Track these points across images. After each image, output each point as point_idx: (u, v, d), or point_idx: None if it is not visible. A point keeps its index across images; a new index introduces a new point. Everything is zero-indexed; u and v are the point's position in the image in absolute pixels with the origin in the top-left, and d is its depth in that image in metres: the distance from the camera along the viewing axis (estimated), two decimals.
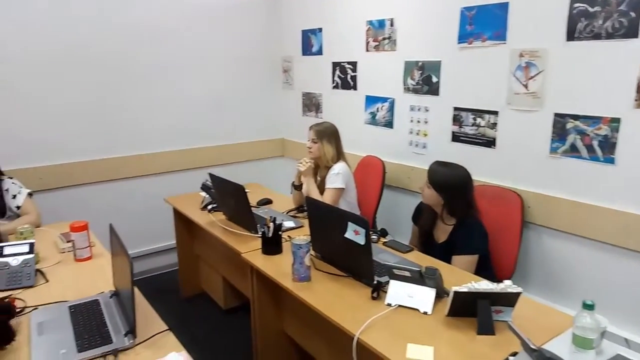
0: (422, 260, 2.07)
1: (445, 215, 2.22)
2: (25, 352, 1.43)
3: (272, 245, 2.17)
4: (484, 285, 1.58)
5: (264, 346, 2.28)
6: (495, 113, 2.48)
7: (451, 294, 1.56)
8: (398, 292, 1.72)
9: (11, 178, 2.62)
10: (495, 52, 2.42)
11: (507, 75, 2.38)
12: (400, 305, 1.69)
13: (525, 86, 2.32)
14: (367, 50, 3.18)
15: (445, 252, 2.16)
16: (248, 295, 2.54)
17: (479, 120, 2.57)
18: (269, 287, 2.18)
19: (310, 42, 3.69)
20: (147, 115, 3.49)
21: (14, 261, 1.91)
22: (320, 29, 3.57)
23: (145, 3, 3.33)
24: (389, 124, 3.12)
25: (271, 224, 2.16)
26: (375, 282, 1.79)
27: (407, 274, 1.71)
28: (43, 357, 1.39)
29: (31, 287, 1.87)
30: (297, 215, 2.71)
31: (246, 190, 2.35)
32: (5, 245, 1.97)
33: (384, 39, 3.04)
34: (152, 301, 1.73)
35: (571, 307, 2.09)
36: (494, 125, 2.50)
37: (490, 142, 2.53)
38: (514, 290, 1.53)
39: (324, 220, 2.03)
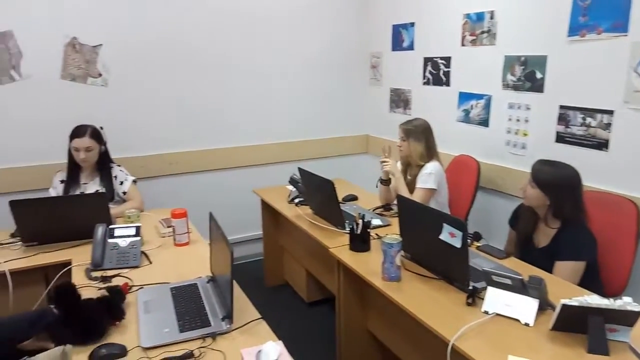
0: (519, 267, 1.95)
1: (549, 217, 2.06)
2: (134, 327, 1.54)
3: (360, 242, 2.15)
4: (597, 300, 1.44)
5: (347, 342, 2.27)
6: (609, 112, 2.26)
7: (558, 307, 1.44)
8: (496, 299, 1.62)
9: (119, 166, 2.84)
10: (613, 45, 2.20)
11: (627, 70, 2.16)
12: (498, 314, 1.59)
13: None
14: (463, 45, 3.05)
15: (545, 258, 2.01)
16: (332, 290, 2.55)
17: (589, 120, 2.35)
18: (355, 284, 2.16)
19: (401, 37, 3.61)
20: (240, 111, 3.63)
21: (123, 242, 2.07)
22: (412, 24, 3.48)
23: (236, 1, 3.46)
24: (483, 122, 2.97)
25: (360, 221, 2.14)
26: (470, 287, 1.71)
27: (508, 281, 1.61)
28: (149, 333, 1.48)
29: (137, 267, 2.01)
30: (384, 213, 2.67)
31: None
32: (116, 227, 2.14)
33: (483, 32, 2.89)
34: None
35: None
36: (607, 126, 2.28)
37: (601, 144, 2.31)
38: (635, 309, 1.38)
39: (416, 220, 1.97)
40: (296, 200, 2.89)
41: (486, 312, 1.61)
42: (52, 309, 1.46)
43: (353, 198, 2.94)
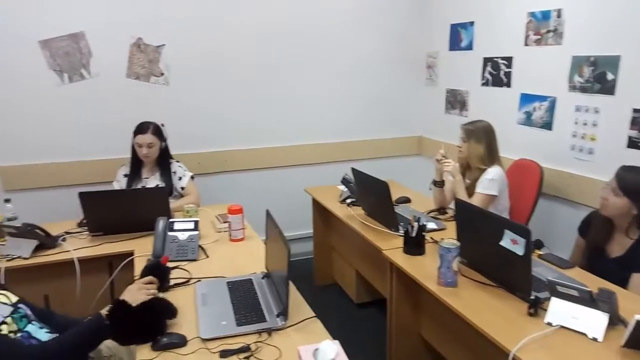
0: (585, 278, 1.84)
1: (631, 227, 1.94)
2: (193, 318, 1.58)
3: (415, 246, 2.11)
4: None
5: (398, 346, 2.23)
6: None
7: (632, 323, 1.35)
8: (561, 311, 1.55)
9: (178, 162, 2.94)
10: None
11: None
12: (562, 327, 1.51)
13: None
14: (526, 45, 2.93)
15: (619, 268, 1.90)
16: (383, 292, 2.53)
17: None
18: (409, 288, 2.13)
19: (459, 37, 3.52)
20: (295, 110, 3.67)
21: (182, 236, 2.14)
22: (471, 23, 3.39)
23: (292, 4, 3.49)
24: (546, 125, 2.84)
25: (415, 224, 2.10)
26: (532, 297, 1.64)
27: (575, 293, 1.53)
28: (208, 325, 1.52)
29: (194, 260, 2.07)
30: (438, 216, 2.61)
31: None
32: (176, 221, 2.21)
33: (548, 31, 2.76)
34: None
35: None
36: None
37: None
38: None
39: (475, 225, 1.91)
40: (348, 201, 2.87)
41: (549, 324, 1.53)
42: (102, 317, 1.45)
43: (406, 200, 2.90)
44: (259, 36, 3.45)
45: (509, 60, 3.08)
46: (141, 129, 2.75)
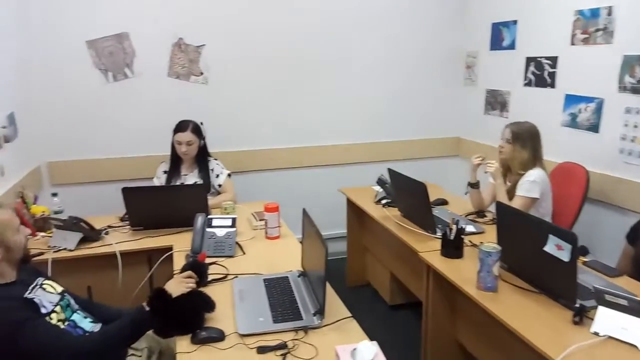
0: (634, 287, 1.76)
1: None
2: (230, 313, 1.60)
3: (453, 249, 2.07)
4: None
5: (433, 351, 2.19)
6: None
7: None
8: (609, 321, 1.48)
9: (216, 159, 2.99)
10: None
11: None
12: (611, 337, 1.45)
13: None
14: (573, 44, 2.82)
15: None
16: (418, 295, 2.49)
17: None
18: (446, 291, 2.09)
19: (501, 36, 3.43)
20: (330, 110, 3.67)
21: (220, 232, 2.17)
22: (514, 21, 3.29)
23: (326, 3, 3.49)
24: (593, 128, 2.73)
25: (454, 227, 2.06)
26: (577, 305, 1.57)
27: (624, 302, 1.46)
28: (246, 321, 1.54)
29: (231, 257, 2.10)
30: (477, 219, 2.55)
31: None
32: (214, 218, 2.24)
33: (597, 30, 2.65)
34: None
35: None
36: None
37: None
38: None
39: (517, 229, 1.86)
40: (383, 202, 2.85)
41: (596, 334, 1.47)
42: (144, 310, 1.48)
43: (443, 202, 2.84)
44: (294, 37, 3.47)
45: (553, 60, 2.98)
46: (181, 127, 2.81)
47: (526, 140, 2.46)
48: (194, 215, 2.16)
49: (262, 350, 1.38)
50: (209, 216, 2.26)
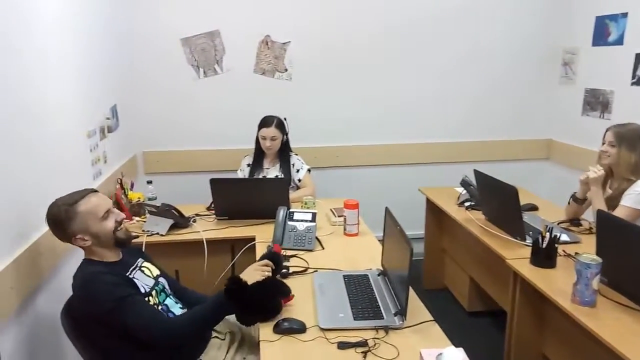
0: None
1: None
2: (311, 306, 1.62)
3: (545, 258, 1.94)
4: None
5: None
6: None
7: None
8: None
9: (297, 154, 3.04)
10: None
11: None
12: None
13: None
14: None
15: None
16: (501, 303, 2.37)
17: None
18: (533, 302, 1.97)
19: (606, 30, 3.15)
20: (413, 108, 3.60)
21: (300, 226, 2.20)
22: (624, 14, 3.01)
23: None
24: None
25: (547, 234, 1.93)
26: None
27: None
28: (326, 315, 1.55)
29: (310, 250, 2.12)
30: (571, 228, 2.37)
31: None
32: (295, 211, 2.28)
33: None
34: None
35: None
36: None
37: None
38: None
39: (621, 241, 1.69)
40: (467, 204, 2.74)
41: None
42: (223, 295, 1.51)
43: (532, 208, 2.68)
44: (377, 34, 3.43)
45: None
46: (266, 122, 2.89)
47: (635, 142, 2.21)
48: (276, 208, 2.23)
49: (342, 346, 1.38)
50: (290, 210, 2.30)
